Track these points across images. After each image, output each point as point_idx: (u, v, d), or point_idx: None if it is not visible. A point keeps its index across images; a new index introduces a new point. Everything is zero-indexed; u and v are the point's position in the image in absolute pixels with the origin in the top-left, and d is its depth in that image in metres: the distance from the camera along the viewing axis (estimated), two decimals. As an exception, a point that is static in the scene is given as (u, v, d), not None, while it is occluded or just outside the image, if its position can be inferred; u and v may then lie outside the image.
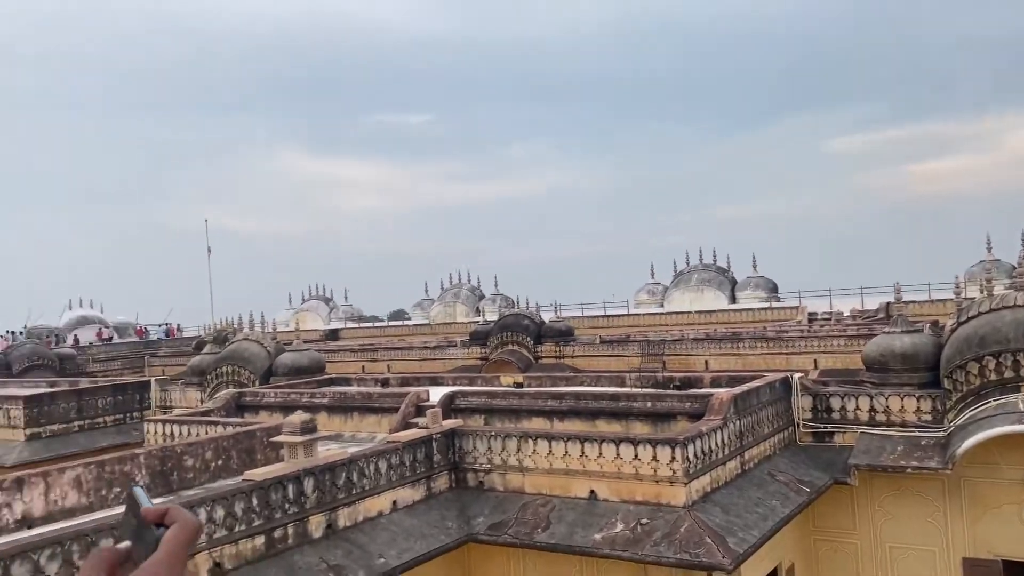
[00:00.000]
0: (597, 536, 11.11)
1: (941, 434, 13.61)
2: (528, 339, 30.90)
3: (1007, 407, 12.80)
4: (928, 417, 14.00)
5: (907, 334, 15.03)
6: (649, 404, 14.00)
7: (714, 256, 42.33)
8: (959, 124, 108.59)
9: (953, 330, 14.44)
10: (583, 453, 11.94)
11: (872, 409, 14.46)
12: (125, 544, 1.36)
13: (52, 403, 21.90)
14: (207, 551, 9.22)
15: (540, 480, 12.29)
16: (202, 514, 9.25)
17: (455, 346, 32.87)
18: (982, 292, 14.93)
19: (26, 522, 10.55)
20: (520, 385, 17.62)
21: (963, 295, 16.03)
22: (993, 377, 13.40)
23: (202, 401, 22.12)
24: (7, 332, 46.49)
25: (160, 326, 53.88)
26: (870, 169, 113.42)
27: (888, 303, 26.70)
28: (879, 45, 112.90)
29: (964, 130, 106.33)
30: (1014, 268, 29.14)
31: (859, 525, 14.38)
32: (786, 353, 24.53)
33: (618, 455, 11.68)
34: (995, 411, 12.87)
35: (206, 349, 28.02)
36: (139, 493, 1.41)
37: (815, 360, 23.61)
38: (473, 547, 12.28)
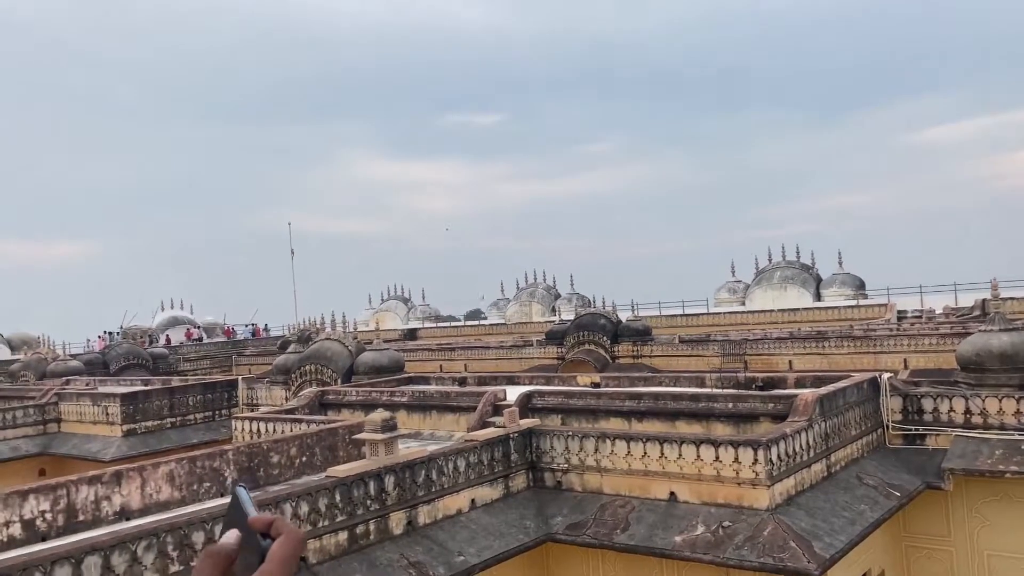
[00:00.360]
0: (677, 538, 10.94)
1: (1044, 438, 12.92)
2: (604, 339, 30.71)
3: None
4: (1029, 420, 13.30)
5: (1005, 332, 14.31)
6: (731, 405, 13.70)
7: (797, 252, 41.27)
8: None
9: (1056, 328, 13.69)
10: (662, 454, 11.77)
11: (967, 411, 13.82)
12: (232, 537, 1.38)
13: (147, 401, 22.91)
14: (292, 545, 9.46)
15: (619, 481, 12.18)
16: (287, 509, 9.50)
17: (531, 346, 32.91)
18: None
19: (124, 514, 11.05)
20: (597, 385, 17.50)
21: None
22: (1101, 378, 12.65)
23: (287, 399, 22.75)
24: (104, 333, 48.84)
25: (246, 326, 55.73)
26: (965, 159, 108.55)
27: (984, 300, 25.52)
28: (975, 29, 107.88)
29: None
30: (1124, 262, 27.42)
31: (954, 532, 13.76)
32: (874, 352, 23.70)
33: (699, 456, 11.48)
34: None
35: (290, 348, 28.84)
36: (243, 495, 1.43)
37: (905, 360, 22.74)
38: (551, 547, 12.26)
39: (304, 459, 13.49)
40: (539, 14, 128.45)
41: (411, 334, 47.43)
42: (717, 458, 11.32)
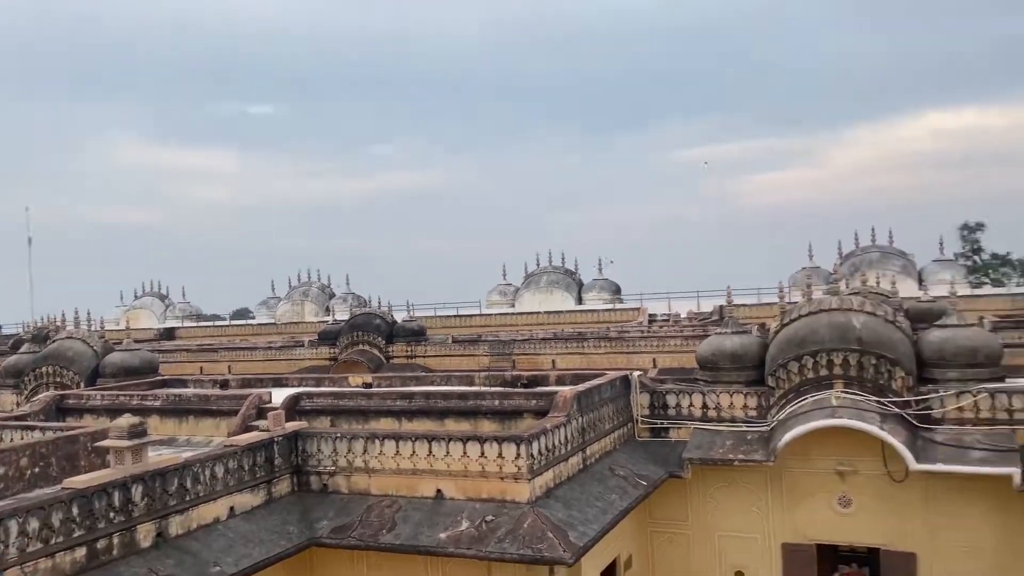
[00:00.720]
0: (442, 535, 11.11)
1: (765, 428, 14.57)
2: (379, 339, 30.51)
3: (822, 403, 13.89)
4: (754, 413, 14.95)
5: (736, 335, 16.00)
6: (497, 402, 14.17)
7: (563, 259, 43.49)
8: (794, 140, 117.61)
9: (777, 331, 15.51)
10: (431, 452, 11.91)
11: (704, 405, 15.28)
12: None
13: None
14: (19, 566, 8.48)
15: (387, 481, 12.16)
16: (13, 527, 8.50)
17: (302, 346, 31.97)
18: (803, 297, 16.13)
19: None
20: (369, 385, 17.37)
21: (787, 299, 17.27)
22: (810, 375, 14.50)
23: (18, 404, 20.36)
24: None
25: (-29, 323, 49.11)
26: (712, 179, 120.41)
27: (721, 306, 28.32)
28: (725, 63, 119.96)
29: (797, 146, 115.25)
30: (831, 275, 31.72)
31: (691, 516, 15.15)
32: (627, 352, 25.49)
33: (465, 453, 11.75)
34: (811, 407, 13.93)
35: (24, 348, 25.85)
36: None
37: (654, 359, 24.68)
38: (316, 551, 11.97)
39: (37, 470, 12.15)
40: (330, 9, 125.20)
41: (168, 334, 44.25)
42: (483, 454, 11.65)
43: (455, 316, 40.07)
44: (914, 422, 13.61)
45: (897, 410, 13.67)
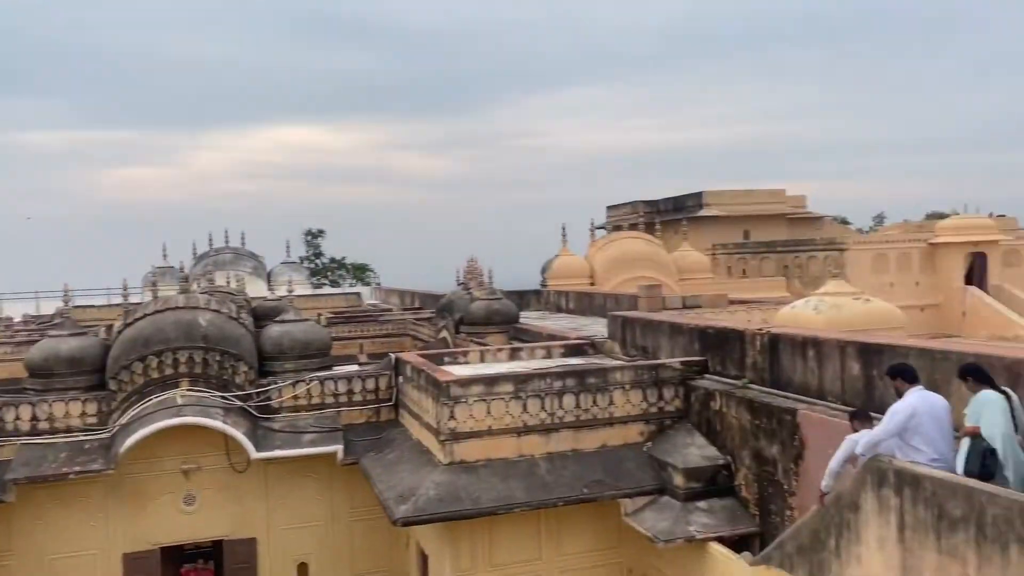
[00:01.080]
0: None
1: (107, 435, 13.70)
2: None
3: (167, 402, 13.65)
4: (94, 420, 13.92)
5: (74, 337, 14.75)
6: None
7: None
8: (157, 136, 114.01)
9: (120, 332, 14.76)
10: None
11: (34, 417, 13.65)
12: None
13: None
14: None
15: None
16: None
17: None
18: (151, 296, 15.66)
19: None
20: None
21: (134, 299, 16.54)
22: (156, 375, 14.16)
23: None
24: None
25: None
26: (61, 169, 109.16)
27: (61, 307, 25.89)
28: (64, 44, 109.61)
29: (160, 142, 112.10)
30: (183, 274, 31.70)
31: (16, 544, 13.39)
32: (-69, 368, 21.34)
33: None
34: (156, 407, 13.58)
35: None
36: None
37: (-37, 373, 21.16)
38: None
39: None
40: None
41: None
42: None
43: None
44: (256, 413, 14.35)
45: (240, 403, 14.24)
